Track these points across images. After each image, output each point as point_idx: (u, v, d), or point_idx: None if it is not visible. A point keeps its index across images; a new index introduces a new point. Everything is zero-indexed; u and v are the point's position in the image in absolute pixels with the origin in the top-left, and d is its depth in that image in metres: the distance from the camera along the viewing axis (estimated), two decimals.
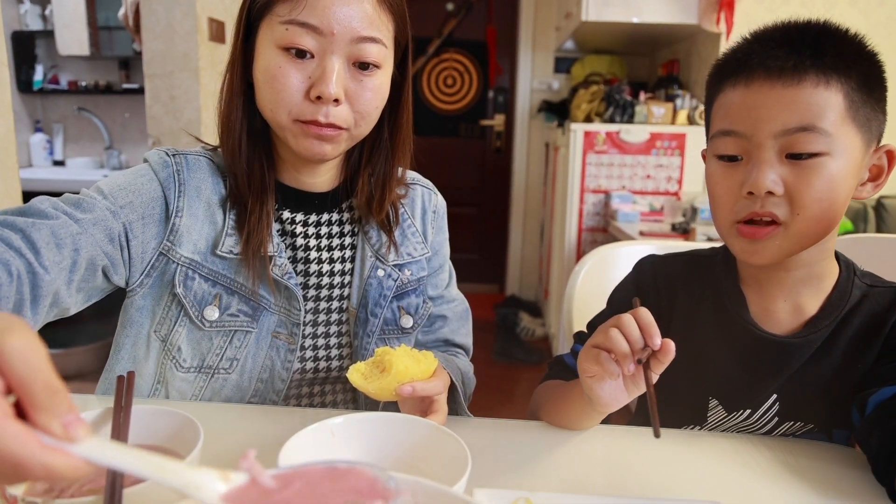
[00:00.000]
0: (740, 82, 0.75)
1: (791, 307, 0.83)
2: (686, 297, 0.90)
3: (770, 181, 0.72)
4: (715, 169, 0.79)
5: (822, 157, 0.72)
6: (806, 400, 0.83)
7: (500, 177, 4.60)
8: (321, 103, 0.80)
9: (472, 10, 4.40)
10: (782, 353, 0.82)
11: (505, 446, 0.79)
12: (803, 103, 0.71)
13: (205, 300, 0.86)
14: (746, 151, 0.75)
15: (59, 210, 0.76)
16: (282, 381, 0.91)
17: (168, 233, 0.85)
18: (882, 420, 0.72)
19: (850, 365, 0.81)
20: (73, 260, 0.74)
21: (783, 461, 0.77)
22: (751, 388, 0.85)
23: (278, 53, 0.80)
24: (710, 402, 0.87)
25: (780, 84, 0.72)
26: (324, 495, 0.39)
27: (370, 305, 0.95)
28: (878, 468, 0.71)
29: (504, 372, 3.35)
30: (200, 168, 0.89)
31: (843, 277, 0.83)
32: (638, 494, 0.70)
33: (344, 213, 0.97)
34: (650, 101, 3.02)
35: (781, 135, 0.72)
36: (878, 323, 0.80)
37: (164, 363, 0.88)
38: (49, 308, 0.73)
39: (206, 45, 2.40)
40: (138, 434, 0.65)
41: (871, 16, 2.93)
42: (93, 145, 3.68)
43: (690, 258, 0.94)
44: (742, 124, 0.74)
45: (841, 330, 0.81)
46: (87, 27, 3.38)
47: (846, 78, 0.72)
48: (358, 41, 0.80)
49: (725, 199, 0.78)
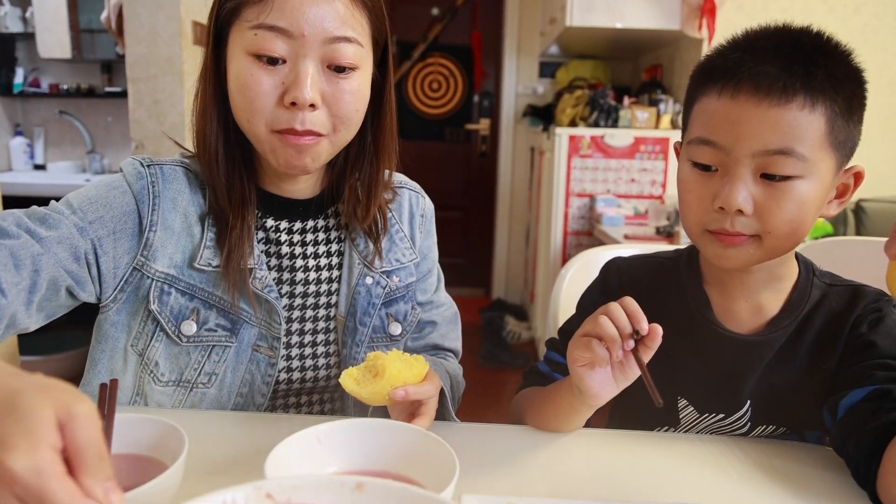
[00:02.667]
0: (726, 92, 0.73)
1: (752, 307, 0.84)
2: (651, 299, 0.90)
3: (741, 199, 0.72)
4: (688, 175, 0.79)
5: (795, 179, 0.72)
6: (776, 403, 0.85)
7: (485, 181, 4.61)
8: (296, 109, 0.77)
9: (457, 15, 4.41)
10: (745, 352, 0.84)
11: (492, 451, 0.79)
12: (786, 125, 0.70)
13: (182, 314, 0.84)
14: (722, 164, 0.75)
15: (23, 228, 0.73)
16: (262, 396, 0.89)
17: (141, 247, 0.82)
18: (856, 424, 0.72)
19: (815, 366, 0.83)
20: (33, 281, 0.72)
21: (767, 464, 0.78)
22: (719, 389, 0.86)
23: (249, 61, 0.77)
24: (679, 402, 0.88)
25: (767, 102, 0.71)
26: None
27: (359, 314, 0.93)
28: (858, 473, 0.71)
29: (490, 376, 3.35)
30: (177, 178, 0.86)
31: (802, 277, 0.85)
32: (626, 498, 0.70)
33: (330, 220, 0.95)
34: (634, 106, 3.04)
35: (760, 154, 0.72)
36: (838, 323, 0.82)
37: (142, 377, 0.86)
38: (5, 329, 0.71)
39: (190, 48, 2.38)
40: (122, 443, 0.64)
41: (848, 23, 2.98)
42: (74, 149, 3.64)
43: (655, 260, 0.95)
44: (723, 137, 0.74)
45: (803, 330, 0.83)
46: (68, 30, 3.34)
47: (832, 102, 0.71)
48: (331, 41, 0.77)
49: (696, 208, 0.78)
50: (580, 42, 3.51)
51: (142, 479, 0.54)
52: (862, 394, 0.74)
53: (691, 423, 0.89)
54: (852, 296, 0.83)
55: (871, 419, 0.71)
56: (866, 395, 0.74)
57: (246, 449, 0.76)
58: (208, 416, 0.86)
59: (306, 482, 0.44)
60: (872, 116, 3.13)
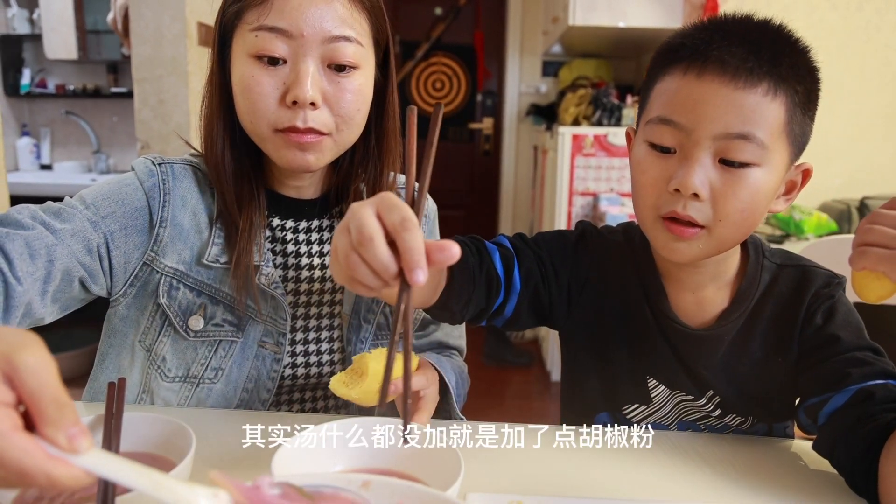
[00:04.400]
0: (692, 71, 0.72)
1: (698, 299, 0.84)
2: (618, 283, 0.90)
3: (698, 182, 0.71)
4: (644, 156, 0.76)
5: (752, 167, 0.71)
6: (736, 394, 0.85)
7: (488, 180, 4.62)
8: (297, 108, 0.78)
9: (460, 15, 4.41)
10: (698, 345, 0.84)
11: (497, 450, 0.79)
12: (749, 110, 0.70)
13: (189, 310, 0.86)
14: (681, 145, 0.73)
15: (37, 220, 0.75)
16: (267, 392, 0.91)
17: (152, 243, 0.84)
18: (843, 431, 0.71)
19: (771, 356, 0.83)
20: (48, 271, 0.73)
21: (771, 464, 0.78)
22: (683, 375, 0.86)
23: (251, 63, 0.78)
24: (649, 381, 0.88)
25: (733, 84, 0.70)
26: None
27: (363, 311, 0.94)
28: (854, 482, 0.70)
29: (493, 374, 3.35)
30: (187, 177, 0.87)
31: (751, 262, 0.84)
32: (630, 497, 0.70)
33: (335, 220, 0.96)
34: (637, 104, 3.04)
35: (721, 137, 0.70)
36: (790, 310, 0.82)
37: (149, 372, 0.87)
38: (22, 318, 0.72)
39: (195, 49, 2.39)
40: (130, 441, 0.65)
41: (850, 20, 2.97)
42: (80, 149, 3.66)
43: (616, 245, 0.91)
44: (684, 117, 0.72)
45: (753, 321, 0.83)
46: (74, 31, 3.36)
47: (793, 92, 0.71)
48: (331, 41, 0.78)
49: (650, 191, 0.76)
50: (583, 41, 3.51)
51: None
52: (843, 399, 0.73)
53: (664, 401, 0.89)
54: (802, 279, 0.83)
55: (857, 426, 0.70)
56: (848, 399, 0.73)
57: (253, 447, 0.77)
58: (215, 413, 0.87)
59: (312, 480, 0.45)
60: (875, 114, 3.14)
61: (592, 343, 0.90)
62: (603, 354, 0.90)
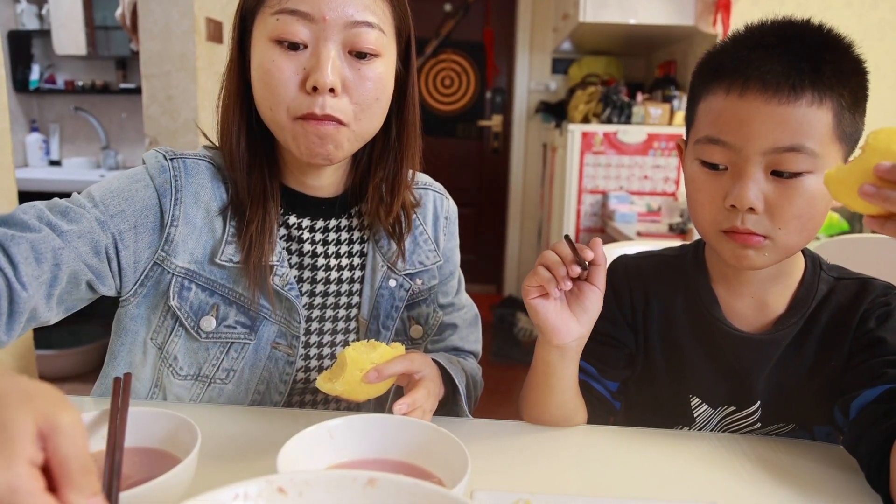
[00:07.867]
0: (734, 91, 0.73)
1: (758, 304, 0.84)
2: (659, 297, 0.90)
3: (753, 197, 0.72)
4: (697, 174, 0.78)
5: (805, 175, 0.72)
6: (785, 401, 0.84)
7: (497, 177, 4.60)
8: (317, 94, 0.76)
9: (469, 12, 4.39)
10: (752, 351, 0.83)
11: (504, 448, 0.79)
12: (795, 122, 0.70)
13: (201, 310, 0.84)
14: (732, 162, 0.74)
15: (44, 221, 0.73)
16: (279, 394, 0.89)
17: (163, 242, 0.82)
18: (868, 425, 0.72)
19: (822, 362, 0.82)
20: (54, 275, 0.72)
21: (780, 463, 0.77)
22: (729, 387, 0.86)
23: (271, 47, 0.77)
24: (692, 400, 0.88)
25: (776, 100, 0.70)
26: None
27: (382, 317, 0.93)
28: (871, 476, 0.71)
29: (501, 373, 3.35)
30: (199, 172, 0.85)
31: (809, 272, 0.84)
32: (639, 496, 0.70)
33: (353, 220, 0.93)
34: (647, 102, 3.02)
35: (770, 152, 0.71)
36: (845, 317, 0.81)
37: (161, 370, 0.86)
38: (26, 323, 0.71)
39: (204, 45, 2.39)
40: (135, 436, 0.64)
41: (864, 18, 2.94)
42: (89, 145, 3.67)
43: (661, 258, 0.94)
44: (732, 136, 0.73)
45: (810, 327, 0.82)
46: (83, 27, 3.37)
47: (839, 96, 0.71)
48: (352, 26, 0.77)
49: (707, 208, 0.77)
50: (593, 38, 3.49)
51: (155, 473, 0.54)
52: (874, 394, 0.73)
53: (706, 421, 0.89)
54: (860, 289, 0.83)
55: (882, 420, 0.70)
56: (878, 395, 0.73)
57: (259, 443, 0.76)
58: (222, 410, 0.86)
59: (318, 477, 0.44)
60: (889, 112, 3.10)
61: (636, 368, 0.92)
62: (646, 377, 0.91)
